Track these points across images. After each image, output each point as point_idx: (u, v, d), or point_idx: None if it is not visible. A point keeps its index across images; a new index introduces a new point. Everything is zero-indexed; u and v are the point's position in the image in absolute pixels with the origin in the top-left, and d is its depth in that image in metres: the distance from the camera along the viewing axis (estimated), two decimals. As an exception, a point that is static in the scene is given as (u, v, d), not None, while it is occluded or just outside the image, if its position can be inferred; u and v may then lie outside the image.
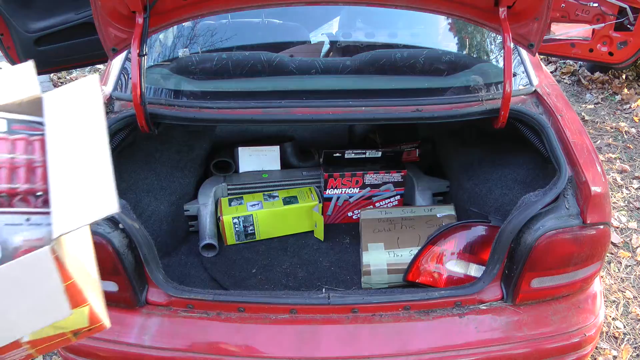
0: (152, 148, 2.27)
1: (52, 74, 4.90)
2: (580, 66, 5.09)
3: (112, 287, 1.60)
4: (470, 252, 1.91)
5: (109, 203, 0.82)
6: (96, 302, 0.92)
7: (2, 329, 0.80)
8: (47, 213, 0.85)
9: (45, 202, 0.87)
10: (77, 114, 0.97)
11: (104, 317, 0.96)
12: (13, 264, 0.77)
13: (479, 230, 1.96)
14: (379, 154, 2.37)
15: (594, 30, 2.92)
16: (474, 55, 2.47)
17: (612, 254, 2.98)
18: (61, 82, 4.96)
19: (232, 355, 1.62)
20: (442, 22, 2.60)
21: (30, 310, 0.81)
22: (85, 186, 0.85)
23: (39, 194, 0.89)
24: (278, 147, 2.53)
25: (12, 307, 0.79)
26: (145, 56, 1.80)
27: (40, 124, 0.98)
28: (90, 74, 5.11)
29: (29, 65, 1.03)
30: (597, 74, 4.94)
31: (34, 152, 0.94)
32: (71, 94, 1.01)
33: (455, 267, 1.89)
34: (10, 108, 0.97)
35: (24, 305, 0.80)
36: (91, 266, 1.00)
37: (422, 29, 2.69)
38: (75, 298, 0.85)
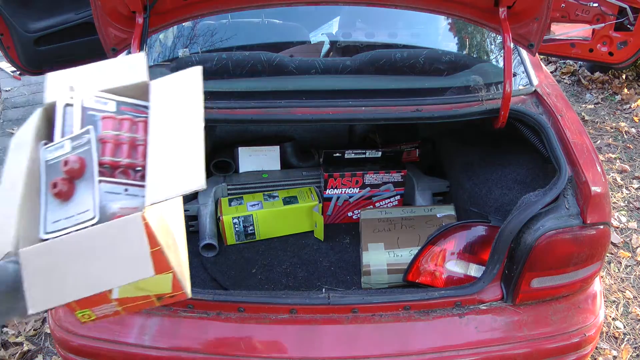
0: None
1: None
2: (580, 66, 5.09)
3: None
4: (470, 252, 1.91)
5: (197, 180, 0.91)
6: (180, 272, 1.00)
7: (94, 279, 0.88)
8: (144, 186, 0.95)
9: (143, 177, 0.97)
10: (179, 100, 1.08)
11: (186, 287, 1.04)
12: (109, 224, 0.88)
13: (479, 230, 1.96)
14: (379, 154, 2.37)
15: (594, 30, 2.91)
16: (474, 55, 2.47)
17: (612, 254, 2.98)
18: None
19: (232, 355, 1.62)
20: (442, 22, 2.60)
21: (118, 267, 0.89)
22: (179, 164, 0.95)
23: (138, 168, 0.99)
24: (278, 147, 2.53)
25: (104, 262, 0.88)
26: (145, 56, 1.80)
27: (146, 107, 1.08)
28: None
29: (141, 55, 1.15)
30: (597, 74, 4.93)
31: (138, 132, 1.04)
32: (176, 82, 1.12)
33: (455, 267, 1.89)
34: (120, 91, 1.08)
35: (114, 261, 0.88)
36: (181, 240, 1.09)
37: (422, 29, 2.69)
38: (160, 264, 0.92)
